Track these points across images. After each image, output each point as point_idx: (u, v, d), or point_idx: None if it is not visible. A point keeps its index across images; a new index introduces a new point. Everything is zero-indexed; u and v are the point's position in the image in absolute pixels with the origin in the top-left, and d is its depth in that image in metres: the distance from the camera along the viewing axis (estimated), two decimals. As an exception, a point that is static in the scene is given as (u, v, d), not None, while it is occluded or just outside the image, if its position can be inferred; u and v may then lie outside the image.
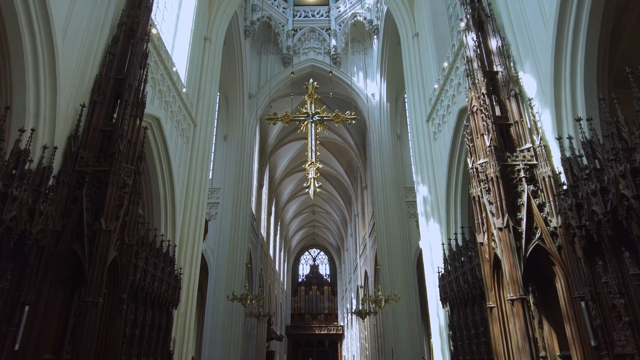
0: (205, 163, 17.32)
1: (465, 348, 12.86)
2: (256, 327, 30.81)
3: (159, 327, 13.10)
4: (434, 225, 15.84)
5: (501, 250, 8.10)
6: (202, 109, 17.59)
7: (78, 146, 8.95)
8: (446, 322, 14.57)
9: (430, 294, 15.78)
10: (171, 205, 15.14)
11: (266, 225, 37.21)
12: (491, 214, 8.60)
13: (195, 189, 16.44)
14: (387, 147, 26.27)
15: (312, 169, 12.97)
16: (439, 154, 15.87)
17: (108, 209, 8.44)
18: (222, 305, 22.95)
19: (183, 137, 16.13)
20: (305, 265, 60.47)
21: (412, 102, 18.15)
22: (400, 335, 22.64)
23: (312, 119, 13.93)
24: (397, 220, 24.95)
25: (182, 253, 15.35)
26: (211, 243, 24.82)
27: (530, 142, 8.94)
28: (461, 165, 14.56)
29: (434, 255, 15.64)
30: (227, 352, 22.58)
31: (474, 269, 11.56)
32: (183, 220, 15.77)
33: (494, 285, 8.50)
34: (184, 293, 15.09)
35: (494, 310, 8.43)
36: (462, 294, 12.61)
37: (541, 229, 8.10)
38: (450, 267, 13.36)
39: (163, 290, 12.91)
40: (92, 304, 7.74)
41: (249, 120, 27.35)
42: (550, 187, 8.33)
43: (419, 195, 17.12)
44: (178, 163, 15.63)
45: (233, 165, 25.96)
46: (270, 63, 29.19)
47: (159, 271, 12.59)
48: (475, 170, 9.48)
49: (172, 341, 14.17)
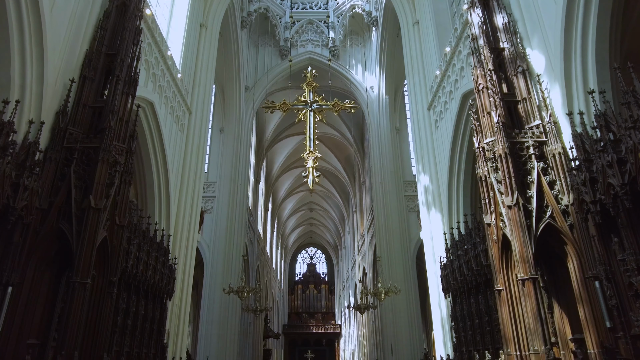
0: (201, 152, 16.90)
1: (469, 339, 12.49)
2: (252, 324, 30.35)
3: (153, 318, 12.69)
4: (436, 215, 15.47)
5: (510, 230, 7.73)
6: (197, 96, 17.17)
7: (67, 122, 8.53)
8: (448, 314, 14.19)
9: (431, 285, 15.41)
10: (165, 194, 14.71)
11: (263, 222, 36.76)
12: (499, 192, 8.23)
13: (190, 178, 16.02)
14: (386, 140, 25.88)
15: (311, 158, 12.69)
16: (441, 142, 15.52)
17: (98, 187, 8.02)
18: (218, 300, 22.52)
19: (178, 124, 15.71)
20: (303, 264, 59.99)
21: (412, 90, 17.79)
22: (399, 331, 22.24)
23: (310, 108, 13.66)
24: (396, 214, 24.56)
25: (176, 243, 14.92)
26: (207, 237, 24.36)
27: (540, 118, 8.59)
28: (464, 152, 14.22)
29: (436, 245, 15.27)
30: (223, 348, 22.13)
31: (478, 255, 11.19)
32: (178, 210, 15.34)
33: (502, 267, 8.13)
34: (179, 284, 14.67)
35: (502, 293, 8.06)
36: (465, 282, 12.24)
37: (552, 206, 7.73)
38: (453, 256, 12.99)
39: (157, 279, 12.49)
40: (80, 284, 7.31)
41: (245, 113, 26.92)
42: (561, 164, 7.98)
43: (420, 185, 16.76)
44: (172, 151, 15.20)
45: (229, 159, 25.51)
46: (268, 55, 28.77)
47: (152, 259, 12.18)
48: (482, 149, 9.12)
49: (166, 333, 13.74)
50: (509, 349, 7.72)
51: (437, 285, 14.91)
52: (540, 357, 6.81)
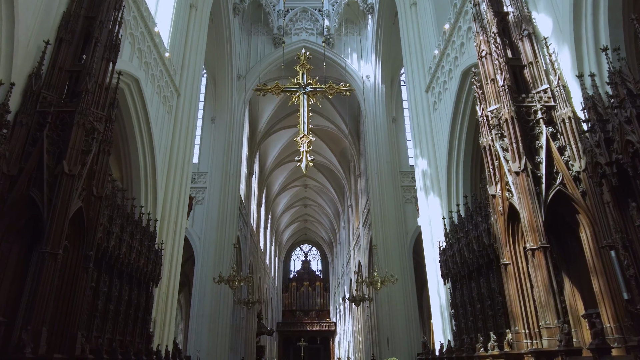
0: (190, 135, 16.26)
1: (469, 326, 11.95)
2: (245, 319, 29.69)
3: (138, 305, 12.08)
4: (434, 200, 14.93)
5: (518, 198, 7.18)
6: (186, 78, 16.54)
7: (40, 85, 7.89)
8: (447, 301, 13.66)
9: (430, 272, 14.86)
10: (152, 177, 14.08)
11: (256, 217, 36.10)
12: (505, 160, 7.68)
13: (178, 161, 15.38)
14: (382, 130, 25.34)
15: (305, 141, 12.37)
16: (440, 124, 14.99)
17: (72, 152, 7.39)
18: (209, 293, 21.88)
19: (165, 105, 15.06)
20: (297, 261, 59.30)
21: (410, 73, 17.26)
22: (396, 323, 21.69)
23: (304, 90, 13.26)
24: (392, 205, 24.03)
25: (163, 228, 14.28)
26: (198, 229, 23.71)
27: (547, 82, 8.05)
28: (464, 133, 13.70)
29: (434, 230, 14.73)
30: (214, 343, 21.47)
31: (480, 235, 10.65)
32: (165, 194, 14.70)
33: (508, 240, 7.58)
34: (166, 271, 14.03)
35: (509, 267, 7.51)
36: (466, 266, 11.70)
37: (562, 173, 7.19)
38: (453, 239, 12.46)
39: (141, 264, 11.88)
40: (50, 255, 6.68)
41: (237, 102, 26.28)
42: (571, 129, 7.45)
43: (418, 170, 16.21)
44: (160, 132, 14.56)
45: (221, 149, 24.86)
46: (261, 44, 28.15)
47: (136, 242, 11.56)
48: (485, 118, 8.57)
49: (152, 321, 13.11)
50: (516, 326, 7.17)
51: (435, 271, 14.37)
52: (553, 332, 6.26)
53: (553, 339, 6.18)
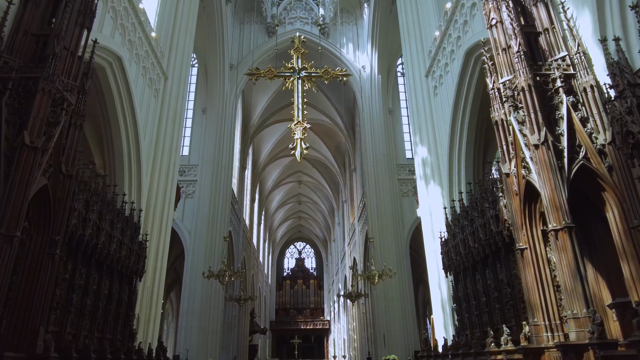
0: (178, 121, 15.38)
1: (473, 320, 11.22)
2: (238, 317, 28.84)
3: (119, 300, 11.24)
4: (435, 189, 14.17)
5: (538, 173, 6.41)
6: (174, 61, 15.67)
7: (1, 49, 7.03)
8: (449, 295, 12.90)
9: (430, 265, 14.11)
10: (136, 164, 13.22)
11: (249, 213, 35.20)
12: (521, 134, 6.92)
13: (165, 148, 14.51)
14: (379, 121, 24.58)
15: (299, 128, 11.65)
16: (441, 109, 14.24)
17: (35, 121, 6.53)
18: (199, 289, 21.03)
19: (151, 88, 14.20)
20: (291, 259, 58.41)
21: (409, 58, 16.49)
22: (393, 320, 20.94)
23: (298, 75, 12.55)
24: (389, 198, 23.27)
25: (148, 219, 13.42)
26: (188, 223, 22.85)
27: (565, 49, 7.29)
28: (466, 117, 12.95)
29: (435, 221, 13.98)
30: (204, 341, 20.61)
31: (487, 223, 9.89)
32: (151, 183, 13.84)
33: (524, 222, 6.81)
34: (151, 264, 13.18)
35: (525, 252, 6.74)
36: (470, 256, 10.95)
37: (586, 146, 6.44)
38: (456, 228, 11.71)
39: (123, 255, 11.02)
40: (6, 238, 5.82)
41: (230, 93, 25.41)
42: (593, 98, 6.69)
43: (417, 158, 15.44)
44: (145, 116, 13.70)
45: (212, 141, 23.99)
46: (254, 33, 27.29)
47: (117, 232, 10.70)
48: (497, 90, 7.80)
49: (135, 318, 12.25)
50: (535, 317, 6.40)
51: (436, 264, 13.63)
52: (581, 323, 5.50)
53: (582, 331, 5.43)
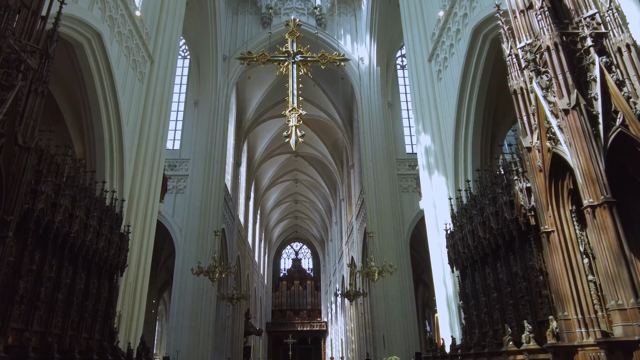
0: (165, 107, 14.45)
1: (483, 318, 10.32)
2: (231, 318, 27.86)
3: (98, 296, 10.30)
4: (439, 179, 13.29)
5: (568, 143, 5.52)
6: (161, 45, 14.75)
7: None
8: (455, 291, 12.02)
9: (434, 259, 13.21)
10: (118, 151, 12.29)
11: (244, 211, 34.27)
12: (546, 101, 6.03)
13: (151, 135, 13.58)
14: (378, 114, 23.71)
15: (294, 115, 10.95)
16: (445, 94, 13.37)
17: (-19, 83, 5.62)
18: (190, 288, 20.10)
19: (136, 70, 13.27)
20: (288, 260, 57.40)
21: (410, 43, 15.64)
22: (393, 320, 20.05)
23: (293, 60, 11.80)
24: (388, 194, 22.40)
25: (132, 210, 12.48)
26: (179, 219, 21.91)
27: (595, 6, 6.42)
28: (473, 100, 12.07)
29: (439, 213, 13.09)
30: (195, 341, 19.64)
31: (500, 210, 8.99)
32: (134, 171, 12.91)
33: (551, 201, 5.92)
34: (134, 258, 12.24)
35: (552, 236, 5.84)
36: (480, 249, 10.05)
37: (623, 112, 5.55)
38: (464, 219, 10.82)
39: (101, 246, 10.06)
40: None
41: (223, 85, 24.49)
42: (630, 60, 5.82)
43: (420, 147, 14.56)
44: (128, 100, 12.78)
45: (204, 134, 23.06)
46: (248, 24, 26.41)
47: (94, 221, 9.75)
48: (515, 57, 6.92)
49: (116, 316, 11.30)
50: (565, 311, 5.50)
51: (441, 258, 12.73)
52: (628, 315, 4.59)
53: (630, 325, 4.54)
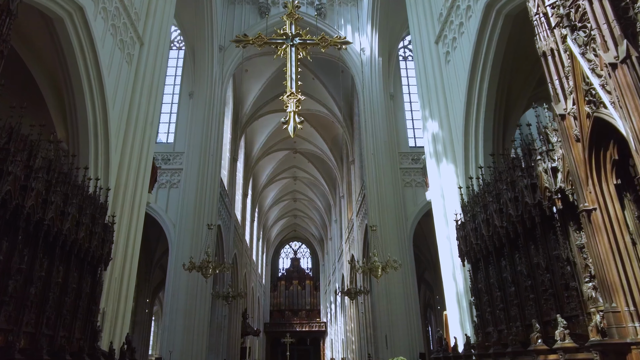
0: (155, 93, 13.57)
1: (497, 316, 9.50)
2: (228, 318, 26.99)
3: (78, 291, 9.46)
4: (448, 167, 12.44)
5: (615, 104, 4.67)
6: (152, 27, 13.87)
7: None
8: (466, 287, 11.17)
9: (443, 253, 12.35)
10: (103, 137, 11.42)
11: (242, 208, 33.38)
12: (585, 59, 5.18)
13: (139, 121, 12.71)
14: (379, 106, 22.87)
15: (292, 100, 10.21)
16: (454, 77, 12.53)
17: None
18: (184, 286, 19.24)
19: (123, 51, 12.40)
20: (286, 259, 56.46)
21: (416, 25, 14.81)
22: (396, 320, 19.19)
23: (292, 42, 11.09)
24: (390, 188, 21.55)
25: (118, 199, 11.61)
26: (172, 215, 21.04)
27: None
28: (485, 82, 11.22)
29: (448, 203, 12.25)
30: (189, 342, 18.77)
31: (520, 195, 8.16)
32: (121, 159, 12.03)
33: (591, 175, 5.07)
34: (120, 251, 11.37)
35: (594, 215, 4.99)
36: (496, 239, 9.20)
37: (682, 68, 4.70)
38: (477, 207, 9.99)
39: (81, 237, 9.21)
40: None
41: (219, 76, 23.64)
42: (686, 9, 4.97)
43: (427, 134, 13.70)
44: (114, 82, 11.91)
45: (199, 126, 22.19)
46: (245, 14, 25.59)
47: (73, 209, 8.90)
48: (543, 15, 6.07)
49: (99, 313, 10.43)
50: (613, 302, 4.65)
51: (450, 252, 11.89)
52: None
53: None
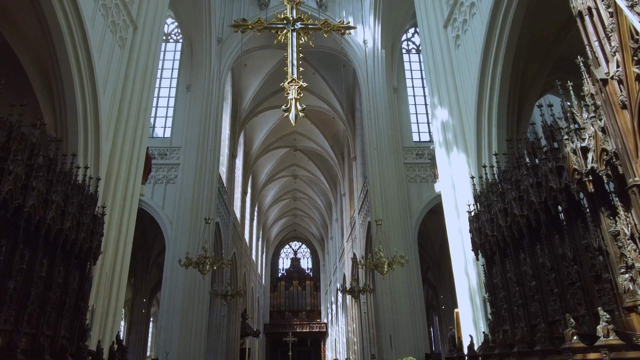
0: (149, 79, 12.90)
1: (515, 312, 8.79)
2: (227, 318, 26.31)
3: (65, 286, 8.76)
4: (459, 156, 11.77)
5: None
6: (146, 11, 13.20)
7: None
8: (479, 282, 10.50)
9: (454, 248, 11.66)
10: (93, 124, 10.74)
11: (241, 206, 32.71)
12: (635, 13, 4.52)
13: (132, 108, 12.03)
14: (382, 99, 22.22)
15: (294, 87, 9.64)
16: (465, 62, 11.86)
17: None
18: (181, 284, 18.61)
19: (115, 34, 11.72)
20: (286, 259, 55.70)
21: (423, 9, 14.16)
22: (400, 319, 18.54)
23: (293, 27, 10.57)
24: (394, 184, 20.91)
25: (109, 190, 10.92)
26: (169, 211, 20.39)
27: None
28: (499, 65, 10.54)
29: (459, 194, 11.56)
30: (186, 342, 18.10)
31: (542, 181, 7.47)
32: (113, 147, 11.34)
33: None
34: (111, 245, 10.69)
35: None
36: (515, 229, 8.49)
37: None
38: (494, 196, 9.30)
39: (67, 227, 8.51)
40: None
41: (217, 69, 22.98)
42: None
43: (436, 122, 13.01)
44: (106, 66, 11.23)
45: (197, 120, 21.55)
46: (244, 5, 24.98)
47: (57, 196, 8.20)
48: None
49: (88, 311, 9.73)
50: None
51: (462, 245, 11.21)
52: None
53: None
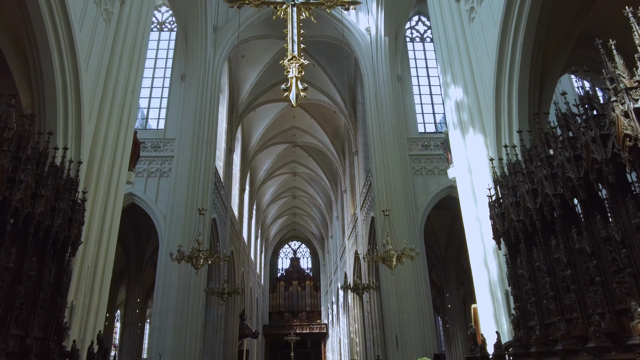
0: (138, 57, 11.88)
1: (543, 307, 7.80)
2: (224, 318, 25.24)
3: (39, 280, 7.78)
4: (475, 137, 10.78)
5: None
6: (135, -17, 12.24)
7: None
8: (500, 275, 9.52)
9: (471, 237, 10.65)
10: (75, 102, 9.74)
11: (239, 203, 31.69)
12: None
13: (119, 87, 11.02)
14: (386, 89, 21.26)
15: (294, 65, 8.42)
16: (481, 36, 10.88)
17: None
18: (175, 282, 17.59)
19: (99, 6, 10.71)
20: (285, 259, 54.65)
21: (431, -16, 13.18)
22: (407, 318, 17.57)
23: (293, 1, 9.43)
24: (399, 176, 19.95)
25: (92, 176, 9.92)
26: (162, 206, 19.38)
27: None
28: (519, 37, 9.57)
29: (476, 179, 10.58)
30: (181, 343, 17.07)
31: (582, 153, 6.50)
32: (96, 129, 10.34)
33: None
34: (94, 235, 9.68)
35: None
36: (546, 212, 7.51)
37: None
38: (519, 177, 8.33)
39: (39, 212, 7.52)
40: None
41: (213, 58, 22.00)
42: None
43: (449, 102, 12.00)
44: (88, 40, 10.23)
45: (192, 111, 20.54)
46: (242, -8, 23.93)
47: (27, 176, 7.20)
48: None
49: (67, 308, 8.72)
50: None
51: (480, 234, 10.22)
52: None
53: None
